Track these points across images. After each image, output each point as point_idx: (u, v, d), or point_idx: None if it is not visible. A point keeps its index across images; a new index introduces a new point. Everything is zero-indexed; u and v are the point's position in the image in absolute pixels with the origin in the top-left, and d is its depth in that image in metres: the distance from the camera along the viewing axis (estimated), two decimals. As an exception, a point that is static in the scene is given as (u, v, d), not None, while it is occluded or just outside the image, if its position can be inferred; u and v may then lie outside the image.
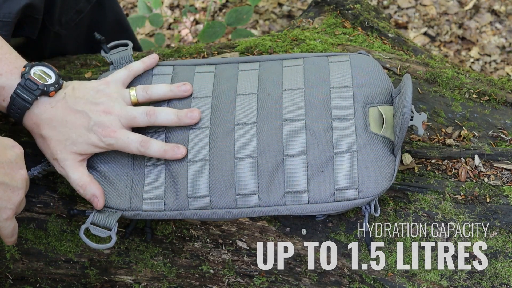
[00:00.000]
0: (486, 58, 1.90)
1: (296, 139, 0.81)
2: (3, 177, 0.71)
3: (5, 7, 0.84)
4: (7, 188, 0.72)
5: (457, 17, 2.00)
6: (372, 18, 1.14)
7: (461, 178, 0.87)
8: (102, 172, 0.83)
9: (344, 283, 0.88)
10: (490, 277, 0.82)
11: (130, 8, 2.18)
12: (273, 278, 0.90)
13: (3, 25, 0.85)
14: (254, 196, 0.80)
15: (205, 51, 1.07)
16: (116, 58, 0.92)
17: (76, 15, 1.11)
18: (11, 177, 0.72)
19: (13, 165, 0.73)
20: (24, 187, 0.75)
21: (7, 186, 0.72)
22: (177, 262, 0.91)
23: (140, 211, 0.82)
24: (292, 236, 0.88)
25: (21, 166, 0.74)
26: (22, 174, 0.74)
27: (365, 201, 0.79)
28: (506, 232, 0.83)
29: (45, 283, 0.94)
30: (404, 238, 0.85)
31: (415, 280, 0.85)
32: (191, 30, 2.10)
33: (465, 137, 0.92)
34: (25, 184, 0.75)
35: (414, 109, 0.80)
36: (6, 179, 0.72)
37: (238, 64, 0.90)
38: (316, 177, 0.79)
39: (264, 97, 0.84)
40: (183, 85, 0.86)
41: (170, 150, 0.81)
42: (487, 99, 0.96)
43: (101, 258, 0.92)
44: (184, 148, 0.82)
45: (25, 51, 1.12)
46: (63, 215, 0.91)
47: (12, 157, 0.73)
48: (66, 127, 0.80)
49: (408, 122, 0.76)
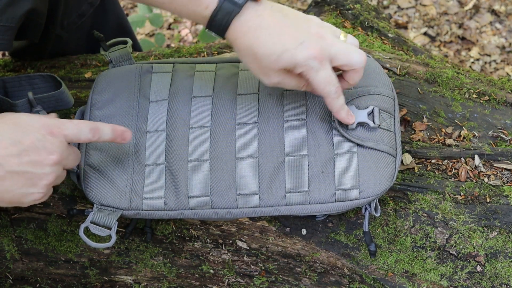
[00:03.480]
0: (486, 58, 1.91)
1: (298, 140, 0.81)
2: (26, 166, 0.70)
3: (8, 12, 0.84)
4: (33, 176, 0.70)
5: (457, 17, 2.00)
6: (372, 18, 1.14)
7: (461, 178, 0.87)
8: (102, 171, 0.83)
9: (344, 283, 0.88)
10: (490, 277, 0.82)
11: (130, 8, 2.18)
12: (273, 278, 0.90)
13: (6, 29, 0.84)
14: (255, 196, 0.80)
15: (205, 51, 1.07)
16: (115, 56, 0.92)
17: (78, 18, 1.11)
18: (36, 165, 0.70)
19: (40, 151, 0.70)
20: (54, 170, 0.72)
21: (32, 174, 0.70)
22: (177, 262, 0.91)
23: (140, 210, 0.82)
24: (292, 236, 0.88)
25: (52, 151, 0.71)
26: (51, 159, 0.71)
27: (366, 201, 0.79)
28: (506, 232, 0.83)
29: (45, 283, 0.94)
30: (404, 238, 0.85)
31: (415, 280, 0.85)
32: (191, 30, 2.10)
33: (465, 137, 0.92)
34: (54, 168, 0.72)
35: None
36: (28, 167, 0.70)
37: (239, 64, 0.90)
38: (317, 177, 0.79)
39: (265, 96, 0.84)
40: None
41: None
42: (487, 99, 0.96)
43: (101, 258, 0.92)
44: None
45: (25, 52, 1.13)
46: (63, 215, 0.91)
47: (39, 143, 0.70)
48: (280, 35, 0.72)
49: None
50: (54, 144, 0.71)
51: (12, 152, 0.69)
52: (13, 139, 0.70)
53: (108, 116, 0.86)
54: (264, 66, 0.73)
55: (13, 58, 1.15)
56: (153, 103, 0.86)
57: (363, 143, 0.79)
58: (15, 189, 0.71)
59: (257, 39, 0.72)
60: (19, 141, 0.70)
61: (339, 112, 0.77)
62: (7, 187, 0.70)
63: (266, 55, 0.72)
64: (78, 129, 0.74)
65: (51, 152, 0.71)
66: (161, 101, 0.86)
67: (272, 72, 0.73)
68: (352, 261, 0.87)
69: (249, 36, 0.72)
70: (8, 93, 0.94)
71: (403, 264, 0.85)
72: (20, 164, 0.70)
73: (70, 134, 0.73)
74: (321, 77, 0.73)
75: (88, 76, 1.04)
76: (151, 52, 1.11)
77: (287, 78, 0.75)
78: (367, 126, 0.80)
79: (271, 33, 0.72)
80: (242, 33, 0.73)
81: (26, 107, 0.90)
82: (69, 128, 0.73)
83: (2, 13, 0.83)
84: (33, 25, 0.96)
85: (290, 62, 0.72)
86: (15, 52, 1.14)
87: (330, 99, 0.76)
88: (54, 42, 1.10)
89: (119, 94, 0.87)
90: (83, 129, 0.75)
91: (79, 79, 1.03)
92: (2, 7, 0.83)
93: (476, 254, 0.83)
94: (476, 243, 0.83)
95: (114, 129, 0.78)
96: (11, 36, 0.85)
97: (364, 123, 0.80)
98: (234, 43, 0.74)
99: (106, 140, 0.78)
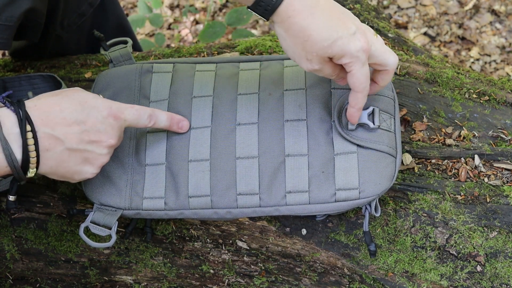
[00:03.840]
0: (486, 58, 1.90)
1: (298, 140, 0.81)
2: (86, 145, 0.73)
3: (7, 11, 0.84)
4: (90, 155, 0.74)
5: (457, 17, 2.00)
6: (372, 18, 1.14)
7: (461, 178, 0.87)
8: (103, 171, 0.83)
9: (344, 283, 0.88)
10: (490, 277, 0.82)
11: (130, 8, 2.18)
12: (273, 278, 0.90)
13: (5, 29, 0.84)
14: (255, 196, 0.80)
15: (205, 51, 1.07)
16: (115, 56, 0.92)
17: (78, 18, 1.11)
18: (95, 145, 0.74)
19: (101, 134, 0.74)
20: (110, 152, 0.77)
21: (90, 153, 0.74)
22: (177, 262, 0.91)
23: (140, 210, 0.82)
24: (292, 236, 0.88)
25: (111, 135, 0.75)
26: (109, 142, 0.75)
27: (366, 201, 0.79)
28: (506, 232, 0.83)
29: (45, 283, 0.94)
30: (404, 238, 0.85)
31: (415, 280, 0.85)
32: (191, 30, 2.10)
33: (465, 137, 0.92)
34: (111, 150, 0.76)
35: None
36: (88, 146, 0.74)
37: (239, 64, 0.90)
38: (317, 177, 0.79)
39: (265, 97, 0.84)
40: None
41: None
42: (487, 99, 0.96)
43: (101, 258, 0.92)
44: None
45: (25, 52, 1.13)
46: (63, 215, 0.91)
47: (101, 126, 0.74)
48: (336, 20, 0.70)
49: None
50: (114, 128, 0.75)
51: (74, 131, 0.72)
52: (77, 118, 0.73)
53: (108, 116, 0.86)
54: (312, 51, 0.70)
55: (13, 58, 1.15)
56: (153, 103, 0.86)
57: (363, 143, 0.79)
58: (72, 165, 0.74)
59: (313, 20, 0.68)
60: (83, 121, 0.73)
61: (359, 110, 0.77)
62: (64, 162, 0.74)
63: (320, 39, 0.69)
64: (138, 114, 0.78)
65: (111, 136, 0.75)
66: (161, 101, 0.86)
67: (316, 59, 0.71)
68: (352, 261, 0.87)
69: (304, 15, 0.68)
70: (8, 93, 0.94)
71: (403, 264, 0.85)
72: (80, 143, 0.73)
73: (130, 119, 0.77)
74: (364, 71, 0.72)
75: (88, 76, 1.04)
76: (151, 52, 1.11)
77: (326, 66, 0.73)
78: (367, 127, 0.80)
79: (326, 17, 0.69)
80: (297, 11, 0.68)
81: None
82: (130, 114, 0.77)
83: (1, 12, 0.83)
84: (33, 25, 0.96)
85: (342, 50, 0.70)
86: (15, 52, 1.14)
87: (361, 94, 0.75)
88: (54, 42, 1.10)
89: (119, 94, 0.87)
90: (143, 115, 0.78)
91: (79, 79, 1.03)
92: (1, 6, 0.83)
93: (476, 254, 0.83)
94: (476, 243, 0.83)
95: (171, 117, 0.81)
96: (10, 35, 0.85)
97: (364, 124, 0.80)
98: (284, 23, 0.70)
99: (162, 127, 0.81)
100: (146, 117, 0.78)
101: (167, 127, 0.82)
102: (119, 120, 0.76)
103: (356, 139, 0.80)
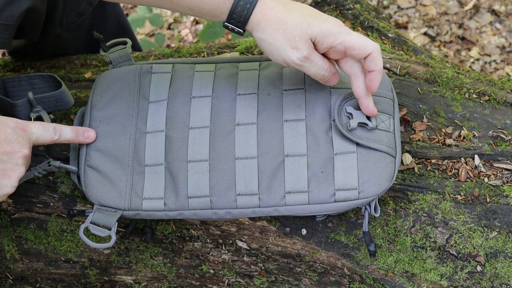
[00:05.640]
0: (486, 58, 1.90)
1: (297, 140, 0.81)
2: (1, 156, 0.74)
3: (7, 10, 0.84)
4: (6, 167, 0.75)
5: (457, 17, 2.00)
6: (372, 18, 1.14)
7: (461, 178, 0.87)
8: (102, 172, 0.83)
9: (344, 283, 0.88)
10: (490, 277, 0.82)
11: (130, 8, 2.18)
12: (273, 278, 0.90)
13: (5, 28, 0.84)
14: (254, 197, 0.80)
15: (205, 51, 1.07)
16: (115, 57, 0.92)
17: (78, 17, 1.11)
18: (10, 156, 0.75)
19: (14, 144, 0.75)
20: (25, 163, 0.77)
21: (6, 165, 0.74)
22: (177, 262, 0.91)
23: (140, 210, 0.82)
24: (292, 236, 0.88)
25: (23, 145, 0.76)
26: (23, 152, 0.76)
27: (366, 201, 0.79)
28: (506, 232, 0.83)
29: (45, 283, 0.94)
30: (404, 238, 0.85)
31: (415, 280, 0.85)
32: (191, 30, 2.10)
33: (465, 137, 0.92)
34: (25, 161, 0.77)
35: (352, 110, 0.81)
36: (3, 157, 0.74)
37: (238, 64, 0.90)
38: (316, 177, 0.79)
39: (264, 97, 0.84)
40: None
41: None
42: (487, 99, 0.96)
43: (101, 258, 0.92)
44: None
45: (25, 52, 1.13)
46: (63, 215, 0.91)
47: (12, 136, 0.75)
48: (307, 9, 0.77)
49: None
50: (24, 138, 0.77)
51: None
52: None
53: (108, 117, 0.86)
54: (294, 36, 0.74)
55: (13, 58, 1.15)
56: (152, 103, 0.86)
57: (363, 142, 0.79)
58: None
59: (287, 12, 0.75)
60: None
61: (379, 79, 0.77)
62: None
63: (297, 22, 0.74)
64: (43, 127, 0.80)
65: (23, 146, 0.76)
66: (161, 101, 0.86)
67: (301, 43, 0.74)
68: (352, 261, 0.87)
69: (278, 9, 0.75)
70: (8, 93, 0.94)
71: (403, 264, 0.85)
72: None
73: (36, 131, 0.79)
74: (355, 37, 0.75)
75: (88, 76, 1.04)
76: (151, 52, 1.11)
77: (315, 55, 0.76)
78: (366, 127, 0.80)
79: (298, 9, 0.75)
80: (270, 8, 0.75)
81: (26, 107, 0.90)
82: (36, 126, 0.79)
83: (1, 11, 0.83)
84: (32, 24, 0.96)
85: (321, 30, 0.74)
86: (15, 52, 1.14)
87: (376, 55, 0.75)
88: (54, 42, 1.10)
89: (119, 95, 0.88)
90: (47, 128, 0.80)
91: (79, 79, 1.03)
92: (1, 6, 0.83)
93: (476, 254, 0.83)
94: (476, 243, 0.83)
95: (75, 129, 0.84)
96: (10, 35, 0.86)
97: (364, 124, 0.80)
98: (260, 23, 0.75)
99: (68, 139, 0.83)
100: (51, 130, 0.80)
101: (73, 139, 0.83)
102: (27, 132, 0.78)
103: (355, 137, 0.79)
